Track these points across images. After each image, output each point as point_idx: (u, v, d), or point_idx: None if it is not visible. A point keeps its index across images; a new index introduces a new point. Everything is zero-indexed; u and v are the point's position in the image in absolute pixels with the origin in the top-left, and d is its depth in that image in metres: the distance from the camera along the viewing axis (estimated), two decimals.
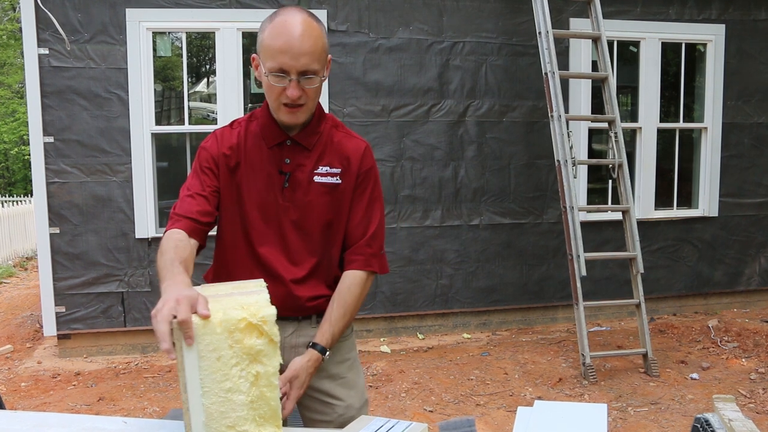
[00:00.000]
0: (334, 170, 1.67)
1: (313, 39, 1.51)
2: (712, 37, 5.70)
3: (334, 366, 1.74)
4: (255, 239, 1.66)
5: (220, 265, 1.73)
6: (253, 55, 1.62)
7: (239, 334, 1.19)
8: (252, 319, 1.20)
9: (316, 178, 1.65)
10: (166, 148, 5.14)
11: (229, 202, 1.68)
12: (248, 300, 1.25)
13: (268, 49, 1.52)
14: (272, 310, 1.22)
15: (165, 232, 1.57)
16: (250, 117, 1.73)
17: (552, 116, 4.58)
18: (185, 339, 1.16)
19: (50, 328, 4.86)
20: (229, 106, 4.91)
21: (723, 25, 5.71)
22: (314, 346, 1.63)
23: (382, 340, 5.23)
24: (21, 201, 13.10)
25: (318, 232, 1.68)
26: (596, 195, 5.73)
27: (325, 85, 5.00)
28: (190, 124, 5.10)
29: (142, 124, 4.80)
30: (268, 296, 1.29)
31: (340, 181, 1.67)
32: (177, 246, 1.49)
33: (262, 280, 1.46)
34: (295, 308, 1.69)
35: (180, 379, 1.19)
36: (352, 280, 1.68)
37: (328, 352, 1.63)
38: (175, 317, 1.16)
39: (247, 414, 1.21)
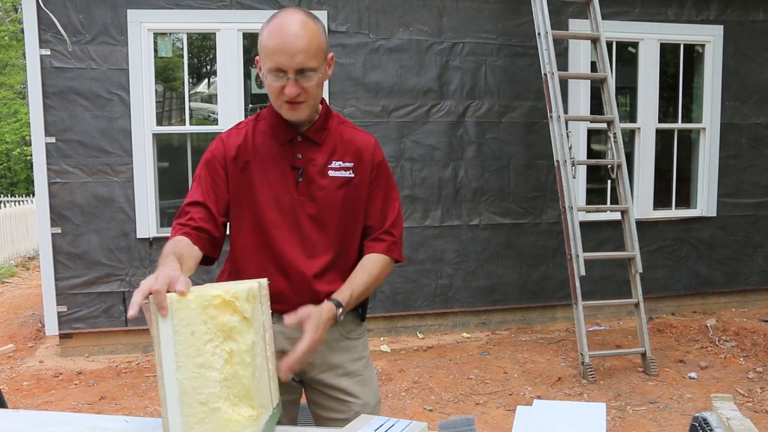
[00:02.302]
0: (347, 164, 1.69)
1: (307, 37, 1.53)
2: (710, 38, 5.72)
3: (350, 363, 1.75)
4: (272, 236, 1.66)
5: (235, 265, 1.73)
6: (257, 57, 1.65)
7: (213, 310, 1.20)
8: (226, 295, 1.21)
9: (330, 173, 1.67)
10: (167, 149, 5.16)
11: (242, 202, 1.68)
12: (231, 284, 1.26)
13: (266, 49, 1.54)
14: (245, 287, 1.23)
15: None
16: (257, 117, 1.74)
17: (551, 117, 4.60)
18: (159, 310, 1.18)
19: (52, 328, 4.88)
20: (229, 106, 4.93)
21: (721, 26, 5.73)
22: (330, 299, 1.58)
23: (382, 339, 5.25)
24: (23, 201, 13.10)
25: (335, 225, 1.69)
26: (595, 195, 5.75)
27: (326, 85, 5.01)
28: (191, 124, 5.12)
29: (143, 124, 4.82)
30: (255, 284, 1.30)
31: (353, 175, 1.69)
32: (175, 244, 1.52)
33: (265, 279, 1.45)
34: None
35: (156, 353, 1.20)
36: (375, 258, 1.70)
37: (342, 309, 1.57)
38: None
39: (220, 392, 1.21)
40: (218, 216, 1.64)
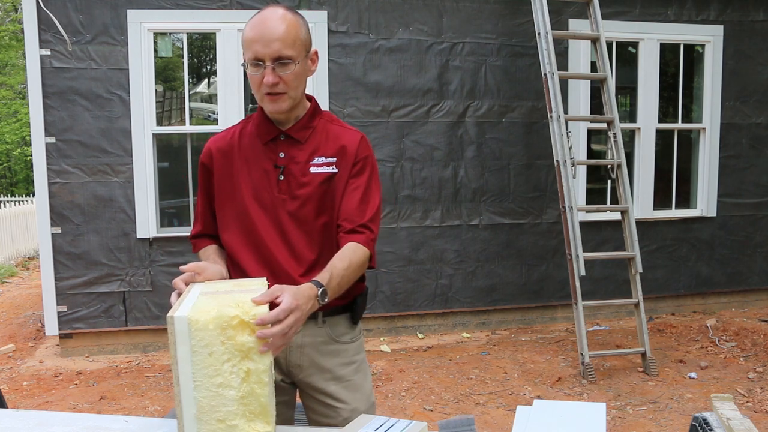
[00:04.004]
0: (330, 159, 1.67)
1: (285, 26, 1.56)
2: (710, 38, 5.72)
3: (339, 368, 1.73)
4: (257, 234, 1.67)
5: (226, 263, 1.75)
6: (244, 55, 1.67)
7: (231, 331, 1.22)
8: (244, 317, 1.22)
9: (312, 169, 1.66)
10: (167, 149, 5.16)
11: (228, 202, 1.71)
12: (244, 298, 1.28)
13: (246, 41, 1.58)
14: (264, 309, 1.25)
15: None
16: (247, 119, 1.78)
17: (551, 117, 4.60)
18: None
19: (52, 328, 4.88)
20: (229, 106, 4.93)
21: (721, 26, 5.73)
22: (310, 281, 1.49)
23: (382, 339, 5.25)
24: (23, 201, 13.11)
25: (317, 223, 1.67)
26: (595, 195, 5.74)
27: (326, 85, 5.03)
28: (191, 124, 5.12)
29: (144, 124, 4.82)
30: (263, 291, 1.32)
31: (336, 170, 1.67)
32: (205, 250, 1.80)
33: (264, 278, 1.47)
34: None
35: (173, 372, 1.23)
36: (355, 246, 1.60)
37: (322, 288, 1.46)
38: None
39: (237, 409, 1.24)
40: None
